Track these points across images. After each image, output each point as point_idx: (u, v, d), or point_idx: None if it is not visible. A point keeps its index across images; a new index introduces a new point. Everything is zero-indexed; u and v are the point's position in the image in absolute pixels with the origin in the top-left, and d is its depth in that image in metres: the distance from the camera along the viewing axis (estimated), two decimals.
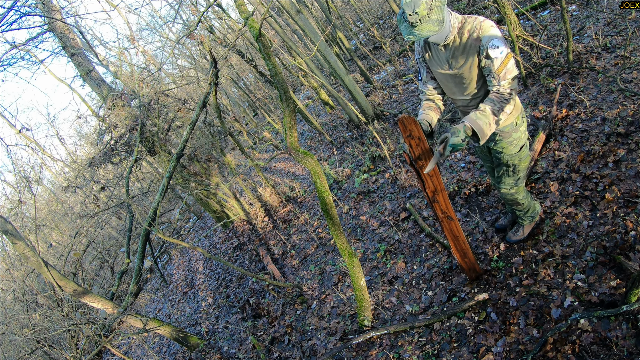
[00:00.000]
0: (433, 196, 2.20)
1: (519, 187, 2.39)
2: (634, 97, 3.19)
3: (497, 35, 1.84)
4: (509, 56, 1.84)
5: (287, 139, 2.74)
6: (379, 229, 4.06)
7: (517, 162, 2.28)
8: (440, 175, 2.14)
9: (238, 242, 6.63)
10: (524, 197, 2.47)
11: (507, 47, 1.85)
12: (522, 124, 2.17)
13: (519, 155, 2.25)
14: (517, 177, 2.34)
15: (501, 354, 2.23)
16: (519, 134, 2.17)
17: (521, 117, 2.15)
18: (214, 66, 4.57)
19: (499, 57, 1.83)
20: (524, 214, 2.62)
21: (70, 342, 4.41)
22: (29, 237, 7.00)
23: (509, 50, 1.85)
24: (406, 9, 1.78)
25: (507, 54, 1.84)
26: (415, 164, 2.08)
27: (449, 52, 1.98)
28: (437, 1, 1.77)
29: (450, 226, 2.33)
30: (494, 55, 1.83)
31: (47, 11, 5.51)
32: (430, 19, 1.77)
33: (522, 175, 2.36)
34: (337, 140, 6.90)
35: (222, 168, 7.44)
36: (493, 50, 1.83)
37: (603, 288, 2.17)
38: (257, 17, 10.09)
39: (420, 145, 1.99)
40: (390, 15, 11.66)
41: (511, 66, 1.85)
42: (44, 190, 14.89)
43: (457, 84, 2.09)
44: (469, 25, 1.90)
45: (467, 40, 1.91)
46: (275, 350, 3.69)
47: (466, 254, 2.51)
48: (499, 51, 1.82)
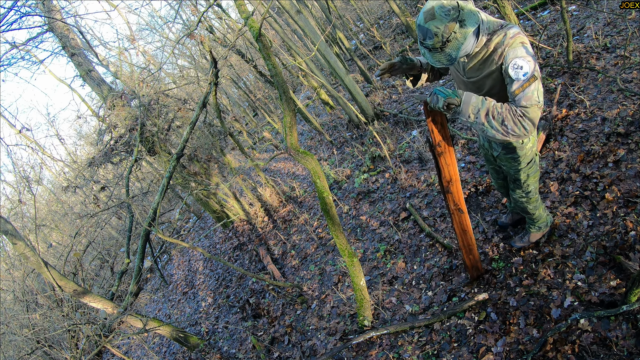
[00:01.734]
0: (447, 186, 2.20)
1: (529, 199, 2.33)
2: (634, 97, 3.19)
3: (523, 55, 1.64)
4: (531, 80, 1.63)
5: (287, 139, 2.74)
6: (379, 229, 4.06)
7: (523, 178, 2.19)
8: (456, 166, 2.13)
9: (238, 242, 6.63)
10: (534, 207, 2.42)
11: (533, 69, 1.64)
12: (529, 142, 2.04)
13: (526, 171, 2.15)
14: (526, 191, 2.28)
15: (501, 354, 2.23)
16: (524, 152, 2.06)
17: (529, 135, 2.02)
18: (214, 66, 4.57)
19: (520, 80, 1.65)
20: (532, 223, 2.59)
21: (70, 342, 4.41)
22: (29, 237, 7.00)
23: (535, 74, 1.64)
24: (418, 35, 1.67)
25: (530, 77, 1.63)
26: (435, 149, 2.05)
27: (470, 61, 1.85)
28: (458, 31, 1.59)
29: (460, 219, 2.33)
30: (515, 77, 1.66)
31: (47, 11, 5.51)
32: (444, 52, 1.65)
33: (533, 189, 2.29)
34: (337, 140, 6.90)
35: (222, 168, 7.44)
36: (515, 70, 1.65)
37: (603, 288, 2.17)
38: (257, 17, 10.09)
39: (442, 131, 1.98)
40: (390, 15, 11.66)
41: (531, 93, 1.63)
42: (44, 190, 14.90)
43: (467, 87, 2.01)
44: (497, 39, 1.70)
45: (490, 54, 1.75)
46: (275, 350, 3.69)
47: (471, 250, 2.50)
48: (521, 72, 1.64)
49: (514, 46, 1.66)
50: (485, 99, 1.72)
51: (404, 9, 8.05)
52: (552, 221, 2.65)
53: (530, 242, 2.68)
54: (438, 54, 1.66)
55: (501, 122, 1.68)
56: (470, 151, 4.11)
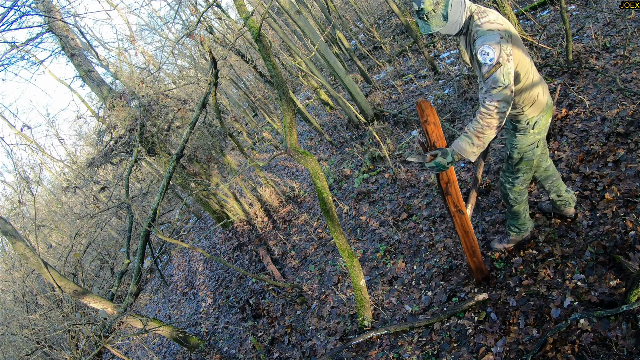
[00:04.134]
0: (446, 188, 2.20)
1: (514, 185, 2.37)
2: (634, 97, 3.19)
3: (490, 41, 1.81)
4: (497, 66, 1.81)
5: (286, 139, 2.74)
6: (379, 229, 4.06)
7: (515, 157, 2.25)
8: (452, 167, 2.14)
9: (238, 242, 6.63)
10: (515, 199, 2.44)
11: (499, 55, 1.80)
12: (535, 127, 2.12)
13: (521, 151, 2.21)
14: (514, 176, 2.33)
15: (501, 354, 2.23)
16: (527, 134, 2.15)
17: (536, 120, 2.10)
18: (214, 66, 4.57)
19: (487, 64, 1.83)
20: (511, 220, 2.60)
21: (70, 342, 4.40)
22: (28, 238, 6.99)
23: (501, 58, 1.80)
24: (414, 5, 1.93)
25: (496, 62, 1.80)
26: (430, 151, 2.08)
27: (463, 43, 2.09)
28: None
29: (462, 221, 2.32)
30: (483, 61, 1.85)
31: (47, 11, 5.51)
32: (437, 14, 1.88)
33: (521, 178, 2.32)
34: (336, 140, 6.90)
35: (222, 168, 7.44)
36: (482, 56, 1.84)
37: (603, 288, 2.17)
38: (256, 18, 10.08)
39: (436, 131, 2.02)
40: (389, 15, 11.66)
41: (498, 76, 1.81)
42: (43, 190, 14.88)
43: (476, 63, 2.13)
44: (472, 23, 1.93)
45: (469, 37, 1.97)
46: (275, 350, 3.69)
47: (475, 252, 2.49)
48: (488, 58, 1.82)
49: (480, 32, 1.87)
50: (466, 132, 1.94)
51: (403, 9, 8.05)
52: (532, 228, 2.67)
53: (509, 246, 2.69)
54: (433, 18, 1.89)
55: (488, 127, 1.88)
56: None
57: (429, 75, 6.50)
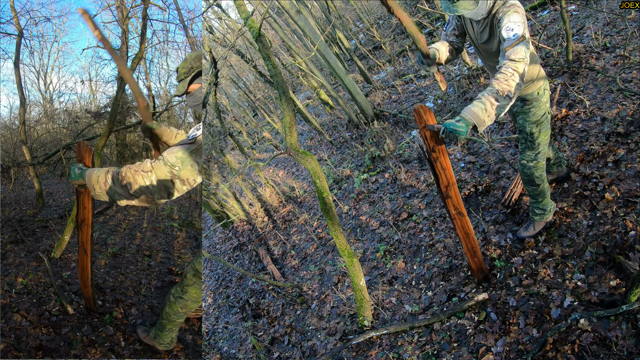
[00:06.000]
0: (446, 191, 2.21)
1: (538, 161, 2.42)
2: (634, 97, 3.19)
3: (516, 20, 1.91)
4: (521, 39, 1.88)
5: (286, 139, 2.73)
6: (379, 229, 4.06)
7: (535, 132, 2.34)
8: (452, 170, 2.15)
9: (238, 242, 6.63)
10: (540, 176, 2.47)
11: (523, 32, 1.89)
12: (544, 95, 2.27)
13: (539, 124, 2.32)
14: (536, 151, 2.39)
15: (501, 354, 2.23)
16: (539, 104, 2.28)
17: (543, 88, 2.26)
18: (214, 66, 4.57)
19: (511, 39, 1.90)
20: (535, 204, 2.60)
21: None
22: None
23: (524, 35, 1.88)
24: None
25: (520, 37, 1.88)
26: (429, 155, 2.11)
27: (480, 26, 2.15)
28: None
29: (462, 223, 2.33)
30: (506, 37, 1.91)
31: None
32: None
33: (542, 151, 2.39)
34: (336, 140, 6.90)
35: (222, 168, 7.44)
36: (507, 32, 1.91)
37: (603, 288, 2.17)
38: (256, 17, 10.08)
39: (435, 136, 2.02)
40: (389, 15, 11.65)
41: (521, 48, 1.88)
42: None
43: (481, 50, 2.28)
44: (497, 7, 2.01)
45: (492, 19, 2.05)
46: (275, 350, 3.69)
47: (475, 253, 2.49)
48: (512, 33, 1.90)
49: (508, 13, 1.94)
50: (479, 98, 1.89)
51: (403, 9, 8.04)
52: (555, 208, 2.68)
53: (535, 231, 2.69)
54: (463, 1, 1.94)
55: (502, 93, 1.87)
56: (470, 151, 4.11)
57: (429, 75, 6.50)
